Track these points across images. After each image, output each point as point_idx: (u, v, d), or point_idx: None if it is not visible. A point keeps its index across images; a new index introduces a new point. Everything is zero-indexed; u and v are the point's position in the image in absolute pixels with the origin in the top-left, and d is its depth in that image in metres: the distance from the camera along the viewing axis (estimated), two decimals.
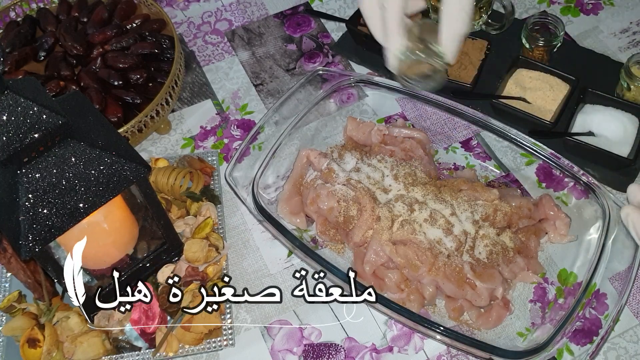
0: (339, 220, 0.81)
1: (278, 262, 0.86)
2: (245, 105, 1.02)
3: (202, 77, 1.06)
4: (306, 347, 0.79)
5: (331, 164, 0.85)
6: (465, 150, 0.92)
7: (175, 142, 0.99)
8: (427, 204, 0.80)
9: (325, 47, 1.08)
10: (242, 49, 1.09)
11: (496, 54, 0.99)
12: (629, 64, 0.90)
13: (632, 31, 1.05)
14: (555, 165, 0.82)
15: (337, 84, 0.91)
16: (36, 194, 0.63)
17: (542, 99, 0.92)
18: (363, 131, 0.91)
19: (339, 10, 1.13)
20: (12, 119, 0.59)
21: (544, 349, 0.70)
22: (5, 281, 0.84)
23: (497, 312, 0.76)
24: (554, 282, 0.80)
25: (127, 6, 1.05)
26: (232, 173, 0.84)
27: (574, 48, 1.03)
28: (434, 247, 0.77)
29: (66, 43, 0.99)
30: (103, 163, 0.66)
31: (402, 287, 0.77)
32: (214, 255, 0.82)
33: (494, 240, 0.78)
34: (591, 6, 1.09)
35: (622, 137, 0.87)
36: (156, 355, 0.77)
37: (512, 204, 0.81)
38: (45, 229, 0.64)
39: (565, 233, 0.82)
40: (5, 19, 1.08)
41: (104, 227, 0.73)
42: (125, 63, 0.97)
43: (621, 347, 0.77)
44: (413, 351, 0.78)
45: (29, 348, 0.75)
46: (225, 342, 0.78)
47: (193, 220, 0.85)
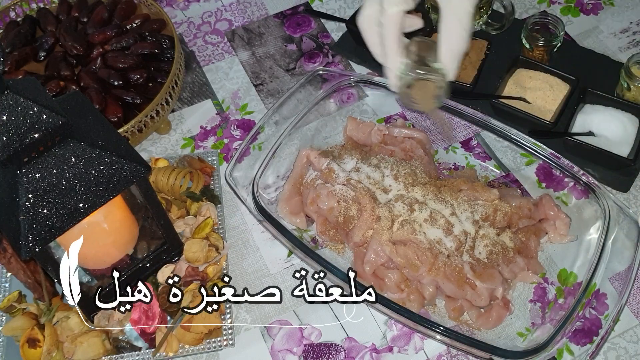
0: (339, 220, 0.81)
1: (278, 262, 0.86)
2: (245, 105, 1.02)
3: (202, 77, 1.06)
4: (306, 347, 0.79)
5: (331, 164, 0.85)
6: (465, 150, 0.92)
7: (175, 142, 0.99)
8: (427, 204, 0.80)
9: (325, 47, 1.08)
10: (242, 49, 1.09)
11: (496, 54, 0.99)
12: (629, 64, 0.90)
13: (632, 31, 1.05)
14: (555, 165, 0.82)
15: (337, 84, 0.91)
16: (36, 194, 0.63)
17: (542, 99, 0.92)
18: (363, 131, 0.91)
19: (339, 10, 1.13)
20: (12, 119, 0.59)
21: (544, 349, 0.70)
22: (5, 281, 0.84)
23: (497, 312, 0.76)
24: (554, 282, 0.80)
25: (127, 6, 1.05)
26: (232, 173, 0.84)
27: (574, 48, 1.03)
28: (434, 247, 0.77)
29: (66, 43, 0.99)
30: (103, 163, 0.66)
31: (402, 287, 0.77)
32: (214, 255, 0.82)
33: (494, 240, 0.78)
34: (591, 6, 1.09)
35: (622, 137, 0.87)
36: (156, 355, 0.77)
37: (512, 204, 0.81)
38: (45, 229, 0.64)
39: (565, 233, 0.82)
40: (5, 19, 1.08)
41: (104, 227, 0.73)
42: (125, 63, 0.97)
43: (621, 347, 0.77)
44: (413, 351, 0.78)
45: (29, 348, 0.75)
46: (225, 342, 0.78)
47: (193, 220, 0.85)
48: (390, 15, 0.67)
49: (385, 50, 0.69)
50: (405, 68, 0.69)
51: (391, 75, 0.71)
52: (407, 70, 0.69)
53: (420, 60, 0.69)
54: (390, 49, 0.68)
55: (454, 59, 0.67)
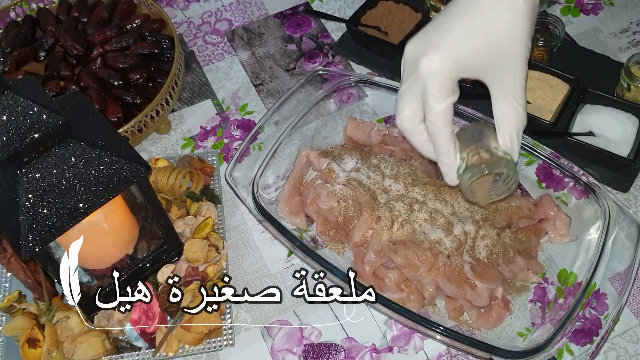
0: (339, 220, 0.81)
1: (278, 262, 0.86)
2: (245, 105, 1.02)
3: (202, 77, 1.06)
4: (306, 347, 0.79)
5: (331, 164, 0.85)
6: None
7: (175, 142, 0.99)
8: (427, 204, 0.80)
9: (325, 47, 1.08)
10: (242, 49, 1.09)
11: None
12: (629, 64, 0.90)
13: (632, 31, 1.05)
14: (555, 165, 0.82)
15: (337, 84, 0.91)
16: (36, 194, 0.63)
17: (542, 99, 0.92)
18: (363, 131, 0.91)
19: (339, 10, 1.13)
20: (12, 119, 0.59)
21: (544, 349, 0.70)
22: (5, 281, 0.84)
23: (497, 312, 0.76)
24: (554, 282, 0.80)
25: (127, 6, 1.05)
26: (232, 173, 0.84)
27: (574, 48, 1.03)
28: (434, 247, 0.77)
29: (66, 43, 0.99)
30: (103, 163, 0.66)
31: (402, 287, 0.77)
32: (214, 255, 0.82)
33: (494, 240, 0.78)
34: (591, 6, 1.09)
35: (622, 137, 0.87)
36: (156, 355, 0.77)
37: (512, 204, 0.81)
38: (45, 229, 0.64)
39: (565, 233, 0.82)
40: (5, 19, 1.08)
41: (104, 227, 0.73)
42: (125, 63, 0.97)
43: (621, 347, 0.77)
44: (413, 351, 0.78)
45: (29, 348, 0.75)
46: (225, 342, 0.78)
47: (193, 220, 0.85)
48: (440, 112, 0.61)
49: (438, 149, 0.64)
50: (464, 163, 0.63)
51: (449, 172, 0.65)
52: (468, 166, 0.63)
53: (477, 148, 0.63)
54: (444, 147, 0.63)
55: (516, 140, 0.63)
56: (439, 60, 0.60)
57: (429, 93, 0.61)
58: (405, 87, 0.63)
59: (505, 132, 0.63)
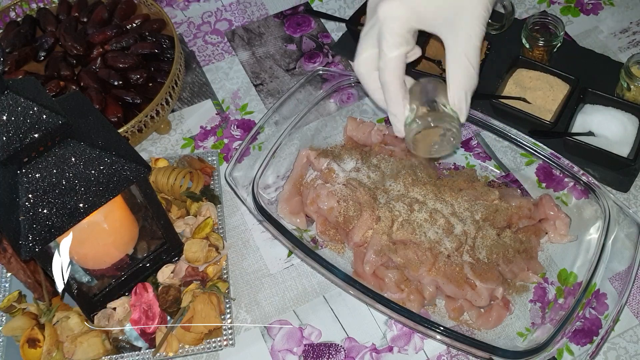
0: (339, 220, 0.81)
1: (278, 262, 0.86)
2: (245, 105, 1.02)
3: (202, 77, 1.06)
4: (306, 347, 0.79)
5: (331, 164, 0.85)
6: (465, 150, 0.92)
7: (175, 142, 0.99)
8: (427, 204, 0.80)
9: (325, 47, 1.08)
10: (242, 49, 1.09)
11: (496, 54, 0.99)
12: (629, 64, 0.90)
13: (632, 31, 1.05)
14: (555, 165, 0.82)
15: (337, 84, 0.91)
16: (36, 194, 0.63)
17: (542, 99, 0.93)
18: (363, 131, 0.91)
19: (339, 10, 1.13)
20: (12, 119, 0.59)
21: (544, 349, 0.70)
22: (5, 281, 0.84)
23: (497, 312, 0.76)
24: (554, 282, 0.80)
25: (127, 6, 1.05)
26: (232, 173, 0.84)
27: (574, 48, 1.03)
28: (434, 247, 0.77)
29: (66, 43, 0.99)
30: (103, 163, 0.66)
31: (402, 287, 0.77)
32: (214, 255, 0.82)
33: (494, 240, 0.78)
34: (591, 6, 1.09)
35: (622, 137, 0.87)
36: (156, 355, 0.77)
37: (512, 204, 0.81)
38: (45, 229, 0.64)
39: (565, 233, 0.82)
40: (5, 19, 1.08)
41: (104, 227, 0.73)
42: (125, 63, 0.97)
43: (621, 347, 0.77)
44: (413, 351, 0.78)
45: (29, 348, 0.75)
46: (225, 342, 0.78)
47: (193, 220, 0.85)
48: (390, 60, 0.61)
49: (388, 97, 0.64)
50: (412, 115, 0.63)
51: (396, 123, 0.65)
52: (415, 118, 0.63)
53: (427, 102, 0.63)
54: (393, 95, 0.63)
55: (465, 100, 0.63)
56: (397, 6, 0.60)
57: (383, 39, 0.61)
58: (364, 32, 0.64)
59: (454, 91, 0.63)
